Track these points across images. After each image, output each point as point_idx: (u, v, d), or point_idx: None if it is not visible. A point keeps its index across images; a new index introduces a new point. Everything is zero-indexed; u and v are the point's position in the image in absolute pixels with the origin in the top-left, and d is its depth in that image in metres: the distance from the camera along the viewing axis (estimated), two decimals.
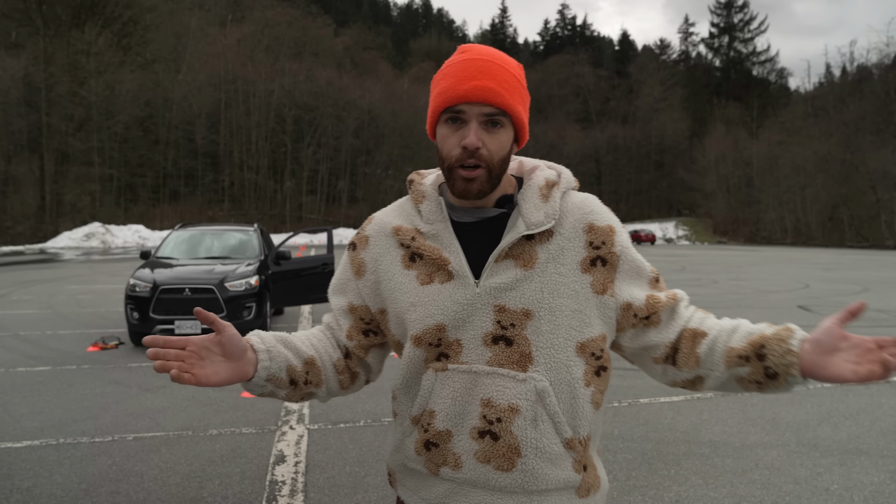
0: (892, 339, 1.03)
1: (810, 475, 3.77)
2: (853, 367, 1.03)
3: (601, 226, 1.16)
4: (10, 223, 44.64)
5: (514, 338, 1.09)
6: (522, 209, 1.13)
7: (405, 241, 1.16)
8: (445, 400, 1.12)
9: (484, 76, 1.08)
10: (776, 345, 1.09)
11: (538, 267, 1.11)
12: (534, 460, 1.09)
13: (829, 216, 60.20)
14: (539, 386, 1.09)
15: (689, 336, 1.17)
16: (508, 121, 1.11)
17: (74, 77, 49.76)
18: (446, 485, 1.15)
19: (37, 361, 6.75)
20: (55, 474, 3.70)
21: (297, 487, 3.54)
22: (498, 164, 1.10)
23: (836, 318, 1.06)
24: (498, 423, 1.09)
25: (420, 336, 1.13)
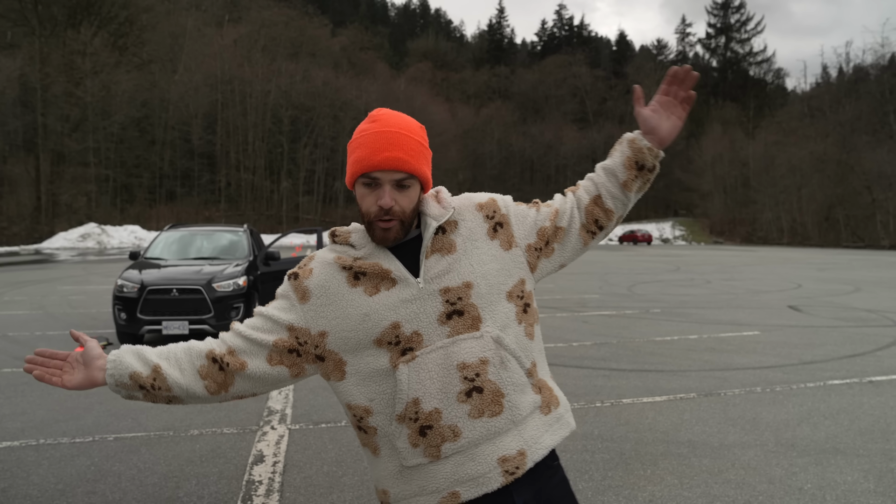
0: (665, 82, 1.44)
1: (785, 475, 3.79)
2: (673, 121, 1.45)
3: (484, 201, 1.43)
4: (5, 224, 44.60)
5: (463, 308, 1.30)
6: (427, 213, 1.36)
7: (346, 265, 1.35)
8: (425, 383, 1.27)
9: (394, 147, 1.29)
10: (640, 155, 1.44)
11: (459, 249, 1.35)
12: (513, 395, 1.31)
13: (825, 216, 60.35)
14: (493, 334, 1.31)
15: (590, 205, 1.49)
16: (416, 181, 1.33)
17: (70, 77, 49.71)
18: (452, 461, 1.29)
19: (23, 362, 6.74)
20: (32, 475, 3.71)
21: (273, 487, 3.55)
22: (409, 216, 1.33)
23: (637, 109, 1.45)
24: (477, 377, 1.28)
25: (380, 338, 1.29)
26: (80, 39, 50.28)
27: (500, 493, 1.30)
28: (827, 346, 7.90)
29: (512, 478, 1.30)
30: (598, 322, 9.78)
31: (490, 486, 1.29)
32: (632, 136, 1.46)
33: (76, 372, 1.33)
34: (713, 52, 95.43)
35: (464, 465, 1.28)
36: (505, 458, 1.29)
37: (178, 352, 1.38)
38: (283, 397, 5.41)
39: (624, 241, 59.51)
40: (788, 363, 6.87)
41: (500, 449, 1.29)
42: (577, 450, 4.17)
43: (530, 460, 1.31)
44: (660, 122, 1.43)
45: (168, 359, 1.36)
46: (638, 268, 23.26)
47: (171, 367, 1.35)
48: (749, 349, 7.61)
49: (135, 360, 1.34)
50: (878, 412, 5.06)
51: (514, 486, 1.32)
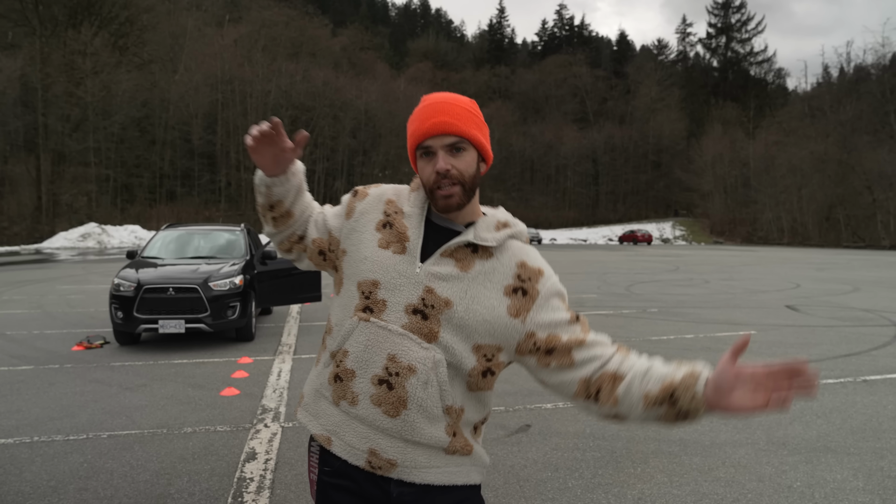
0: (781, 367, 1.17)
1: (775, 473, 3.80)
2: (750, 401, 1.19)
3: (532, 266, 1.40)
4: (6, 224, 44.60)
5: (430, 315, 1.32)
6: (477, 227, 1.39)
7: (388, 211, 1.42)
8: (359, 345, 1.34)
9: (441, 114, 1.34)
10: (684, 391, 1.25)
11: (471, 273, 1.35)
12: (415, 415, 1.32)
13: (825, 216, 60.31)
14: (437, 357, 1.31)
15: (608, 378, 1.33)
16: (469, 145, 1.36)
17: (71, 77, 49.71)
18: (341, 416, 1.36)
19: (20, 361, 6.77)
20: (25, 472, 3.73)
21: (264, 484, 3.57)
22: (469, 180, 1.36)
23: (726, 358, 1.22)
24: (396, 376, 1.31)
25: (360, 283, 1.37)
26: (80, 39, 50.24)
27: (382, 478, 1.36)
28: (823, 345, 7.91)
29: (372, 470, 1.35)
30: (595, 321, 9.79)
31: (354, 460, 1.35)
32: (699, 371, 1.26)
33: (267, 153, 1.41)
34: (714, 51, 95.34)
35: (346, 426, 1.36)
36: (374, 453, 1.34)
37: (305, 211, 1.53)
38: (277, 396, 5.43)
39: (624, 241, 59.49)
40: None
41: (376, 443, 1.33)
42: (568, 448, 4.19)
43: (396, 474, 1.34)
44: (739, 393, 1.19)
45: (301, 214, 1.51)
46: (637, 267, 23.27)
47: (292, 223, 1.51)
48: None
49: (290, 196, 1.48)
50: (871, 411, 5.08)
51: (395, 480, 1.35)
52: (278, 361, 6.82)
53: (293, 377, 6.10)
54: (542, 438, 4.36)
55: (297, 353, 7.23)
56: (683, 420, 1.28)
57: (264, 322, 9.61)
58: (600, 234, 67.55)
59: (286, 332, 8.79)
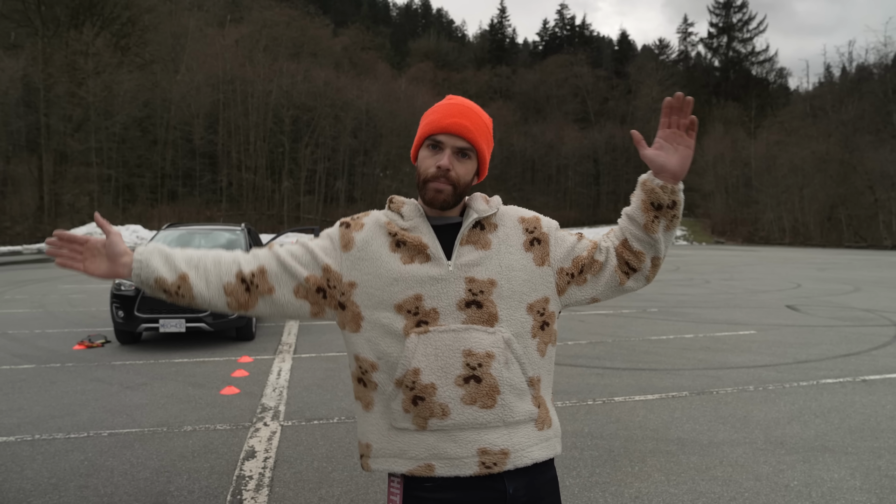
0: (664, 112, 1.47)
1: (772, 472, 3.82)
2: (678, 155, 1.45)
3: (529, 216, 1.52)
4: (8, 223, 44.67)
5: (483, 302, 1.37)
6: (472, 206, 1.46)
7: (393, 231, 1.43)
8: (429, 357, 1.34)
9: (463, 117, 1.41)
10: (655, 194, 1.44)
11: (493, 248, 1.42)
12: (509, 396, 1.36)
13: (827, 216, 60.20)
14: (506, 336, 1.37)
15: (622, 248, 1.50)
16: (475, 155, 1.44)
17: (73, 77, 49.76)
18: (435, 436, 1.35)
19: (22, 359, 6.80)
20: (26, 469, 3.75)
21: (263, 482, 3.59)
22: (462, 185, 1.43)
23: (641, 150, 1.46)
24: (479, 367, 1.34)
25: (401, 304, 1.37)
26: (82, 40, 50.26)
27: (494, 478, 1.37)
28: (822, 345, 7.91)
29: (488, 471, 1.35)
30: (595, 321, 9.81)
31: (465, 470, 1.34)
32: (644, 177, 1.47)
33: (98, 261, 1.38)
34: (715, 51, 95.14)
35: (445, 443, 1.35)
36: (485, 451, 1.34)
37: (207, 263, 1.43)
38: (276, 394, 5.45)
39: None
40: (783, 362, 6.90)
41: (483, 441, 1.35)
42: (567, 447, 4.20)
43: (511, 463, 1.36)
44: (668, 157, 1.43)
45: (197, 268, 1.42)
46: None
47: (198, 278, 1.41)
48: (744, 348, 7.63)
49: (162, 265, 1.39)
50: (870, 410, 5.08)
51: (508, 475, 1.38)
52: (278, 361, 6.85)
53: (293, 376, 6.12)
54: None
55: (297, 353, 7.25)
56: (674, 208, 1.45)
57: (264, 322, 9.63)
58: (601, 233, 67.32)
59: (286, 331, 8.81)
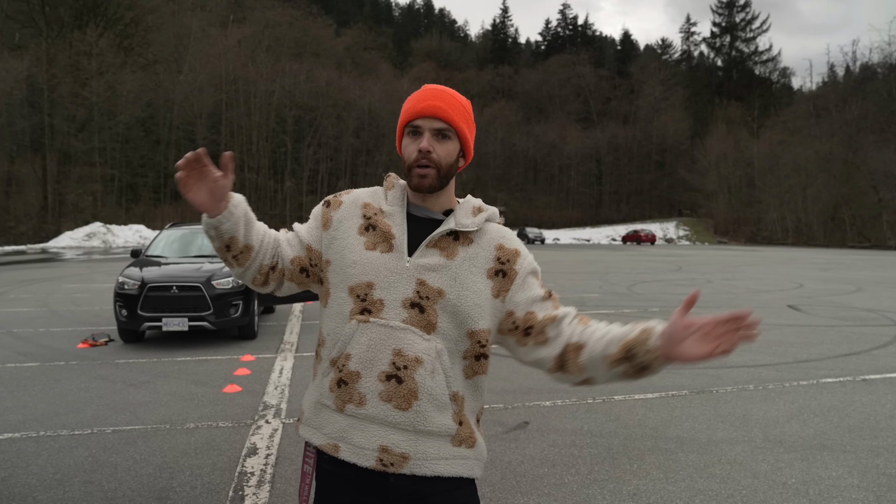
0: (727, 315, 1.26)
1: (770, 470, 3.84)
2: (698, 350, 1.28)
3: (509, 247, 1.46)
4: (13, 223, 44.84)
5: (426, 307, 1.37)
6: (456, 214, 1.44)
7: (367, 214, 1.45)
8: (361, 346, 1.37)
9: (436, 99, 1.41)
10: (640, 346, 1.34)
11: (457, 261, 1.40)
12: (426, 404, 1.36)
13: (830, 216, 60.11)
14: (439, 347, 1.37)
15: (572, 349, 1.41)
16: (455, 135, 1.43)
17: (76, 78, 49.92)
18: (348, 420, 1.38)
19: (26, 358, 6.85)
20: (32, 465, 3.80)
21: (264, 478, 3.63)
22: (445, 167, 1.41)
23: (678, 310, 1.30)
24: (404, 369, 1.35)
25: (353, 287, 1.40)
26: (86, 40, 50.45)
27: (379, 475, 1.37)
28: (823, 344, 7.93)
29: (383, 468, 1.35)
30: None
31: (363, 461, 1.36)
32: (652, 326, 1.34)
33: (202, 191, 1.39)
34: (718, 51, 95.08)
35: (354, 430, 1.37)
36: (386, 449, 1.35)
37: (266, 243, 1.50)
38: (278, 393, 5.49)
39: (627, 241, 59.41)
40: (783, 361, 6.91)
41: (388, 439, 1.35)
42: (566, 444, 4.23)
43: (408, 468, 1.35)
44: (689, 342, 1.28)
45: (262, 246, 1.49)
46: (639, 267, 23.27)
47: (255, 254, 1.47)
48: (745, 348, 7.64)
49: (242, 229, 1.44)
50: (869, 409, 5.10)
51: (403, 479, 1.36)
52: (280, 359, 6.89)
53: (295, 374, 6.16)
54: (539, 435, 4.41)
55: (298, 351, 7.29)
56: (644, 373, 1.35)
57: (266, 320, 9.67)
58: (603, 234, 67.47)
59: (288, 330, 8.86)
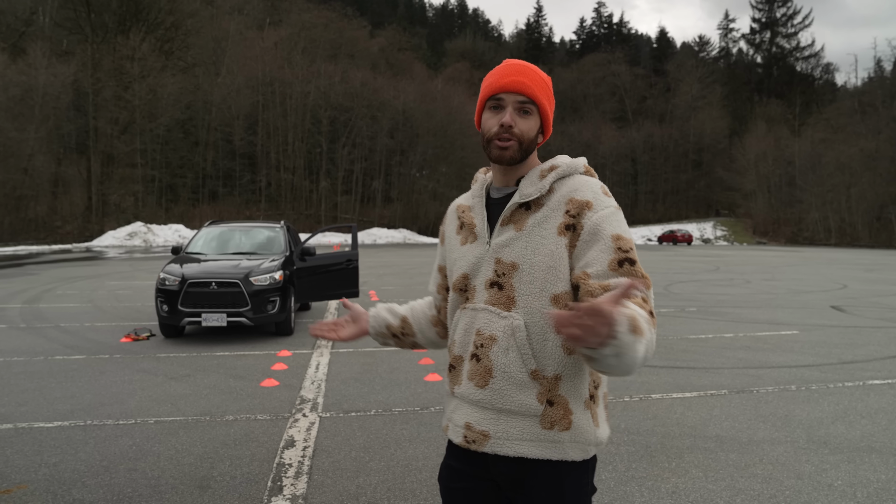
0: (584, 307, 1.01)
1: (815, 471, 3.73)
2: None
3: (579, 199, 1.36)
4: (59, 223, 46.45)
5: (504, 284, 1.38)
6: (522, 185, 1.42)
7: (459, 215, 1.53)
8: (460, 332, 1.45)
9: (520, 74, 1.41)
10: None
11: (526, 229, 1.38)
12: (501, 382, 1.36)
13: (876, 216, 58.08)
14: (515, 323, 1.35)
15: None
16: (536, 111, 1.42)
17: (120, 82, 51.42)
18: (455, 401, 1.47)
19: (73, 350, 7.09)
20: (80, 452, 3.92)
21: (302, 470, 3.68)
22: (526, 141, 1.41)
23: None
24: (481, 348, 1.39)
25: (455, 283, 1.48)
26: (129, 45, 51.94)
27: (479, 456, 1.41)
28: (869, 346, 7.67)
29: (468, 445, 1.39)
30: None
31: (455, 438, 1.44)
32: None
33: (348, 327, 1.71)
34: (757, 47, 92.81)
35: (456, 409, 1.46)
36: (469, 426, 1.41)
37: (418, 306, 1.74)
38: (315, 387, 5.56)
39: (663, 241, 58.44)
40: (827, 362, 6.72)
41: (471, 416, 1.41)
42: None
43: (490, 447, 1.36)
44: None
45: (412, 311, 1.73)
46: (676, 267, 22.87)
47: (414, 318, 1.72)
48: (786, 348, 7.45)
49: (389, 315, 1.72)
50: None
51: (492, 459, 1.38)
52: (316, 355, 6.97)
53: (331, 370, 6.23)
54: None
55: (334, 347, 7.37)
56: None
57: (303, 317, 9.80)
58: (639, 234, 66.50)
59: None
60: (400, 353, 6.99)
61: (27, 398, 5.14)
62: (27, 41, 50.57)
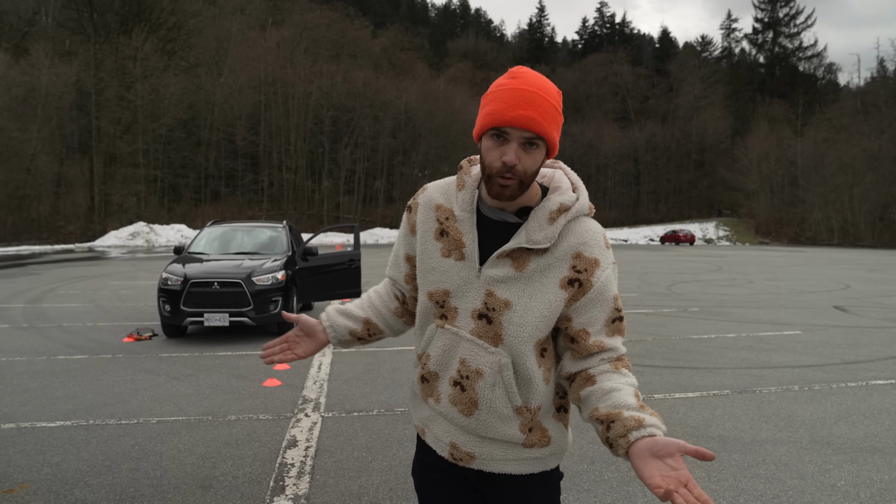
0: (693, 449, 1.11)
1: (818, 471, 3.73)
2: (656, 478, 1.13)
3: (588, 256, 1.36)
4: (62, 223, 46.52)
5: (493, 319, 1.36)
6: (529, 226, 1.34)
7: (440, 218, 1.44)
8: (437, 350, 1.43)
9: (529, 106, 1.27)
10: (620, 427, 1.24)
11: (527, 272, 1.34)
12: (486, 415, 1.39)
13: (879, 216, 57.97)
14: (502, 361, 1.36)
15: (585, 378, 1.37)
16: (543, 143, 1.32)
17: (122, 82, 51.50)
18: (430, 412, 1.49)
19: (76, 350, 7.10)
20: (82, 451, 3.93)
21: (304, 470, 3.68)
22: (529, 178, 1.32)
23: (685, 446, 1.14)
24: (467, 379, 1.39)
25: (432, 293, 1.43)
26: (131, 45, 51.99)
27: (465, 469, 1.47)
28: (872, 346, 7.66)
29: (454, 462, 1.45)
30: (634, 320, 9.68)
31: (439, 450, 1.47)
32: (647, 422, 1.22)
33: (304, 343, 1.59)
34: (760, 47, 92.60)
35: (433, 420, 1.48)
36: (455, 445, 1.44)
37: (374, 302, 1.64)
38: (317, 387, 5.56)
39: (665, 241, 58.37)
40: (830, 363, 6.70)
41: (456, 437, 1.44)
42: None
43: (476, 465, 1.43)
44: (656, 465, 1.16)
45: (373, 308, 1.63)
46: (678, 267, 22.84)
47: (378, 317, 1.63)
48: (789, 348, 7.44)
49: (348, 321, 1.62)
50: None
51: (476, 474, 1.46)
52: (319, 355, 6.98)
53: (333, 370, 6.23)
54: (578, 432, 4.37)
55: (336, 348, 7.37)
56: (608, 446, 1.27)
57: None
58: (641, 234, 66.43)
59: None
60: (402, 353, 7.00)
61: (30, 398, 5.15)
62: (30, 41, 50.67)
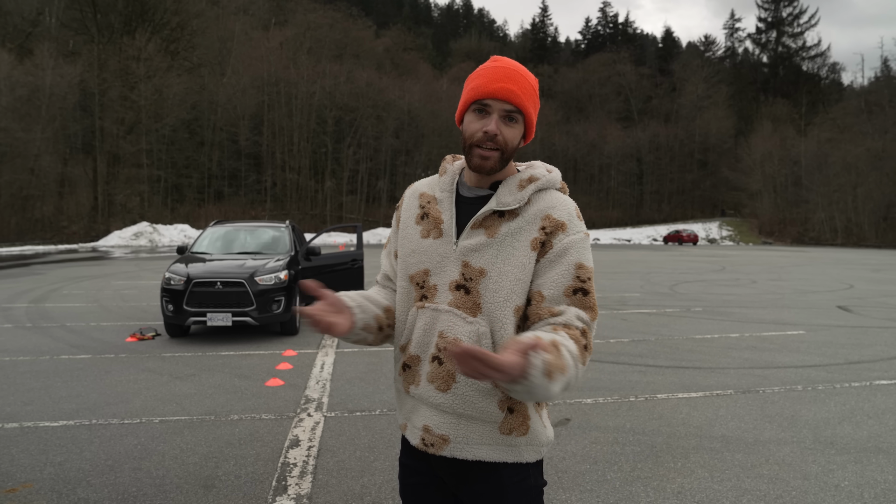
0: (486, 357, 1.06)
1: (822, 472, 3.71)
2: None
3: (556, 218, 1.37)
4: (65, 223, 46.65)
5: (471, 288, 1.36)
6: (499, 192, 1.39)
7: (422, 203, 1.49)
8: (418, 331, 1.41)
9: (509, 80, 1.35)
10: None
11: (499, 238, 1.37)
12: (464, 387, 1.35)
13: (882, 216, 57.80)
14: (481, 330, 1.34)
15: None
16: (521, 119, 1.38)
17: (126, 82, 51.61)
18: (411, 401, 1.45)
19: (79, 350, 7.11)
20: (85, 451, 3.94)
21: (307, 469, 3.68)
22: (509, 150, 1.37)
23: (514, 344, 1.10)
24: (444, 351, 1.36)
25: (413, 276, 1.43)
26: (135, 45, 52.10)
27: (435, 459, 1.42)
28: (876, 346, 7.63)
29: (425, 448, 1.40)
30: (638, 320, 9.67)
31: (413, 439, 1.44)
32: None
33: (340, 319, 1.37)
34: (763, 47, 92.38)
35: (413, 409, 1.45)
36: (427, 429, 1.40)
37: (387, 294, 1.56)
38: (320, 387, 5.56)
39: (668, 241, 58.26)
40: (833, 362, 6.68)
41: (430, 419, 1.39)
42: (608, 442, 4.17)
43: (449, 451, 1.38)
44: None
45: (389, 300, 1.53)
46: (681, 267, 22.80)
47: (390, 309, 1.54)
48: (792, 348, 7.42)
49: (373, 305, 1.48)
50: None
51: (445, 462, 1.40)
52: (321, 354, 6.98)
53: (336, 370, 6.23)
54: (581, 432, 4.36)
55: (339, 347, 7.38)
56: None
57: None
58: (644, 234, 66.32)
59: None
60: None
61: (33, 397, 5.17)
62: (34, 42, 50.83)
